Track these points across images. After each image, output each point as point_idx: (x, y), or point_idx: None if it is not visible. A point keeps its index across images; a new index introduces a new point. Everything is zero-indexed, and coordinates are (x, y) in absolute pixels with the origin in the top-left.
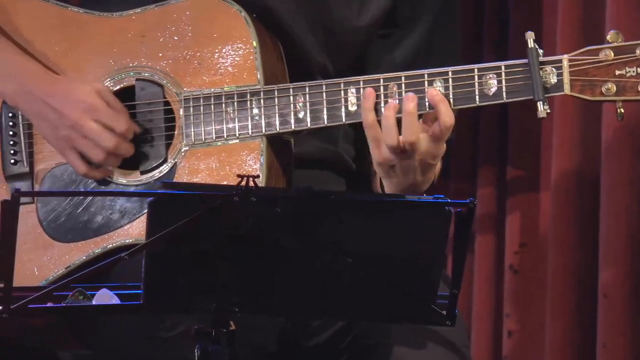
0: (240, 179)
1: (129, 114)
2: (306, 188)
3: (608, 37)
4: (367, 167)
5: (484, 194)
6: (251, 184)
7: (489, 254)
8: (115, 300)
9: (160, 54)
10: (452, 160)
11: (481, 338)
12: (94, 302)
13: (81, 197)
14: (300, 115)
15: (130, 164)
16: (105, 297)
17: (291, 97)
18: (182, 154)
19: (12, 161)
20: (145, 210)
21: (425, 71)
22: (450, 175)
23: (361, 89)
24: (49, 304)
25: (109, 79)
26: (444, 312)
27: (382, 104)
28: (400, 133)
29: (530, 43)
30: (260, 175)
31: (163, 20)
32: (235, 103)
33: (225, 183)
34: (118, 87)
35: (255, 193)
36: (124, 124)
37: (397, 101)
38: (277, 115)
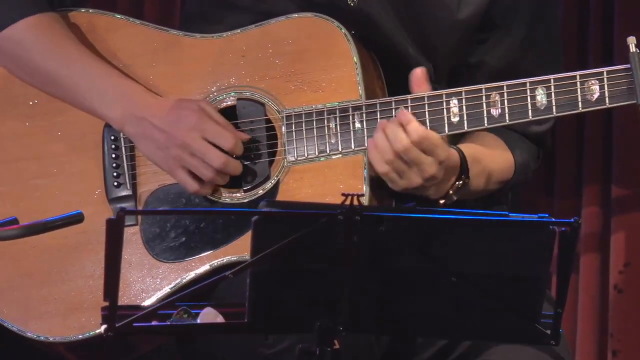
0: (344, 197)
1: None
2: (411, 207)
3: None
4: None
5: (588, 213)
6: (355, 202)
7: (593, 273)
8: (220, 319)
9: (261, 73)
10: (557, 179)
11: (585, 358)
12: (198, 321)
13: (184, 218)
14: None
15: (234, 182)
16: (209, 315)
17: (393, 111)
18: (285, 170)
19: (115, 184)
20: (249, 228)
21: (527, 80)
22: (554, 194)
23: (463, 99)
24: (154, 323)
25: (210, 100)
26: (548, 331)
27: (485, 113)
28: None
29: (632, 47)
30: (365, 188)
31: (263, 40)
32: (338, 118)
33: (328, 198)
34: (220, 108)
35: (359, 212)
36: (232, 140)
37: (500, 110)
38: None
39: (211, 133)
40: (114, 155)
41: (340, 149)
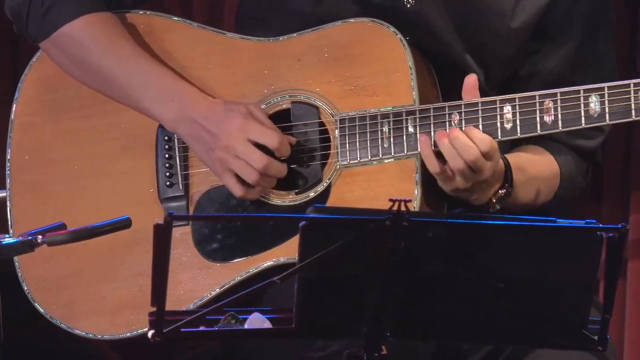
0: (392, 202)
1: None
2: (458, 212)
3: None
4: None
5: (636, 218)
6: (403, 208)
7: None
8: (267, 325)
9: (316, 77)
10: (604, 185)
11: None
12: (246, 326)
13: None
14: None
15: (286, 184)
16: (257, 321)
17: (447, 116)
18: (337, 174)
19: (168, 184)
20: (297, 231)
21: (581, 87)
22: (602, 199)
23: (517, 106)
24: (201, 328)
25: (264, 103)
26: (596, 337)
27: (538, 120)
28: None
29: None
30: (416, 192)
31: (318, 44)
32: (391, 122)
33: (379, 202)
34: (274, 111)
35: (407, 218)
36: (276, 139)
37: (553, 116)
38: (432, 133)
39: (255, 134)
40: (167, 156)
41: (392, 153)
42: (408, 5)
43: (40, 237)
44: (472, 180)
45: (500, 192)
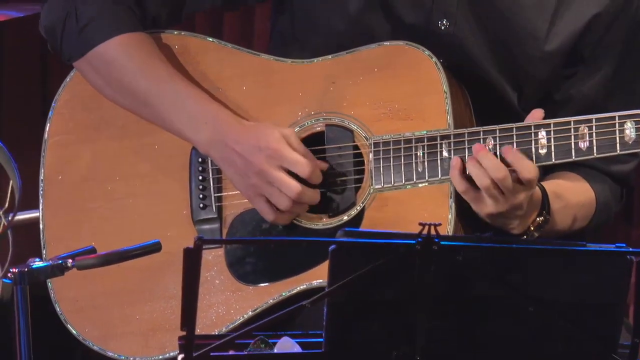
0: (422, 226)
1: (319, 158)
2: (487, 237)
3: None
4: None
5: None
6: (433, 231)
7: None
8: (297, 349)
9: (351, 100)
10: (635, 208)
11: None
12: (275, 351)
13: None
14: None
15: (320, 207)
16: (287, 345)
17: (481, 141)
18: (371, 197)
19: (201, 205)
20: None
21: (617, 113)
22: (633, 223)
23: (552, 131)
24: (231, 352)
25: (299, 126)
26: None
27: (573, 146)
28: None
29: None
30: (450, 217)
31: (353, 66)
32: (425, 146)
33: (413, 226)
34: (308, 134)
35: (436, 242)
36: (308, 168)
37: (588, 143)
38: (467, 158)
39: (288, 161)
40: (200, 178)
41: (427, 177)
42: (442, 28)
43: (70, 261)
44: (504, 204)
45: (538, 219)
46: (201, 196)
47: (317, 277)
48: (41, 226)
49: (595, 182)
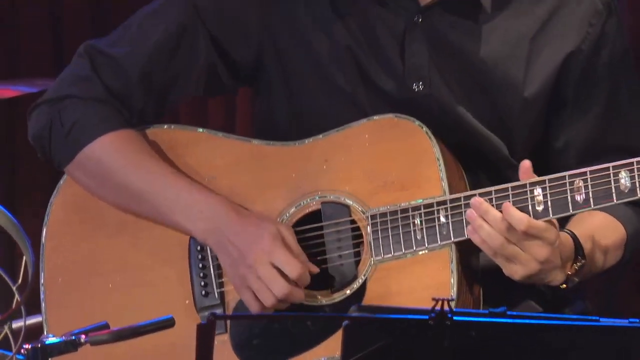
0: (434, 301)
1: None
2: (501, 312)
3: None
4: None
5: None
6: (445, 306)
7: None
8: None
9: (344, 176)
10: None
11: None
12: None
13: (273, 323)
14: None
15: (321, 282)
16: None
17: None
18: (372, 269)
19: (203, 293)
20: (339, 328)
21: (610, 164)
22: None
23: (547, 187)
24: None
25: (294, 206)
26: None
27: (569, 200)
28: None
29: None
30: (452, 282)
31: (344, 143)
32: (423, 214)
33: (416, 294)
34: (304, 213)
35: (449, 317)
36: (298, 271)
37: (584, 195)
38: (464, 222)
39: (279, 260)
40: (200, 265)
41: (426, 245)
42: (416, 89)
43: (83, 336)
44: (530, 263)
45: (575, 265)
46: (203, 283)
47: (325, 353)
48: (45, 331)
49: (619, 213)
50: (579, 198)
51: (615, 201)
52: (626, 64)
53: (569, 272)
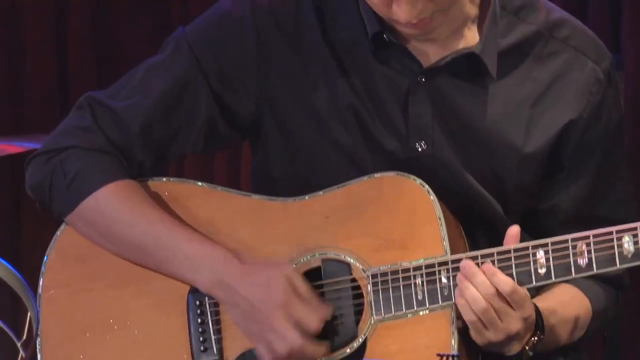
0: (440, 357)
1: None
2: None
3: None
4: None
5: None
6: None
7: None
8: None
9: (345, 234)
10: None
11: None
12: None
13: None
14: None
15: (321, 340)
16: None
17: (479, 265)
18: (372, 328)
19: (202, 348)
20: None
21: (614, 228)
22: None
23: (550, 250)
24: None
25: (294, 263)
26: None
27: (572, 263)
28: None
29: None
30: (452, 343)
31: (345, 200)
32: (424, 274)
33: (416, 354)
34: (304, 270)
35: None
36: (316, 324)
37: (587, 259)
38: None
39: (297, 315)
40: (199, 320)
41: (427, 305)
42: (420, 149)
43: None
44: (499, 333)
45: (532, 339)
46: (201, 339)
47: None
48: None
49: (589, 289)
50: (582, 262)
51: (618, 266)
52: (620, 134)
53: (526, 346)
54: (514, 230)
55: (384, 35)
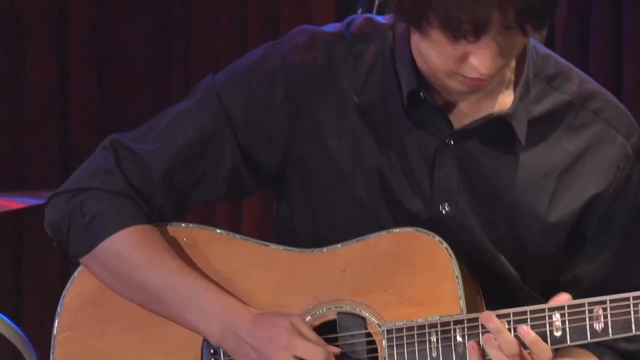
0: None
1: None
2: None
3: None
4: None
5: None
6: None
7: None
8: None
9: (362, 287)
10: None
11: None
12: None
13: None
14: None
15: None
16: None
17: None
18: None
19: None
20: None
21: (631, 294)
22: None
23: (566, 314)
24: None
25: (310, 315)
26: None
27: (588, 328)
28: None
29: None
30: None
31: (363, 254)
32: (439, 332)
33: None
34: (320, 322)
35: None
36: (322, 355)
37: (603, 324)
38: (482, 339)
39: (302, 351)
40: None
41: None
42: (444, 212)
43: None
44: None
45: None
46: None
47: None
48: None
49: (603, 355)
50: (598, 327)
51: (634, 332)
52: None
53: None
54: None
55: (421, 93)
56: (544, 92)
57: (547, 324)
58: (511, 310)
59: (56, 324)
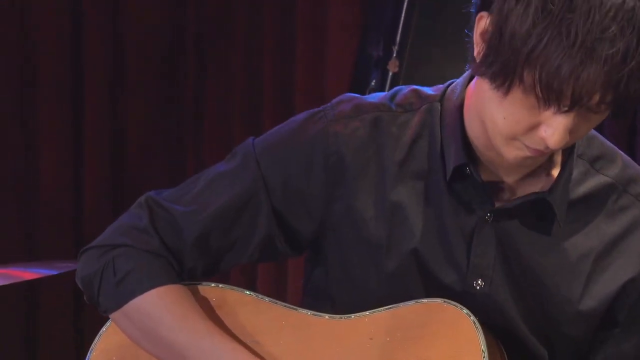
0: None
1: None
2: None
3: None
4: None
5: None
6: None
7: None
8: None
9: (387, 357)
10: None
11: None
12: None
13: None
14: None
15: None
16: None
17: None
18: None
19: None
20: None
21: None
22: None
23: None
24: None
25: None
26: None
27: None
28: None
29: None
30: None
31: (391, 323)
32: None
33: None
34: None
35: None
36: None
37: None
38: None
39: None
40: None
41: None
42: (477, 288)
43: None
44: None
45: None
46: None
47: None
48: None
49: None
50: None
51: None
52: None
53: None
54: None
55: (467, 168)
56: (587, 174)
57: None
58: None
59: None
